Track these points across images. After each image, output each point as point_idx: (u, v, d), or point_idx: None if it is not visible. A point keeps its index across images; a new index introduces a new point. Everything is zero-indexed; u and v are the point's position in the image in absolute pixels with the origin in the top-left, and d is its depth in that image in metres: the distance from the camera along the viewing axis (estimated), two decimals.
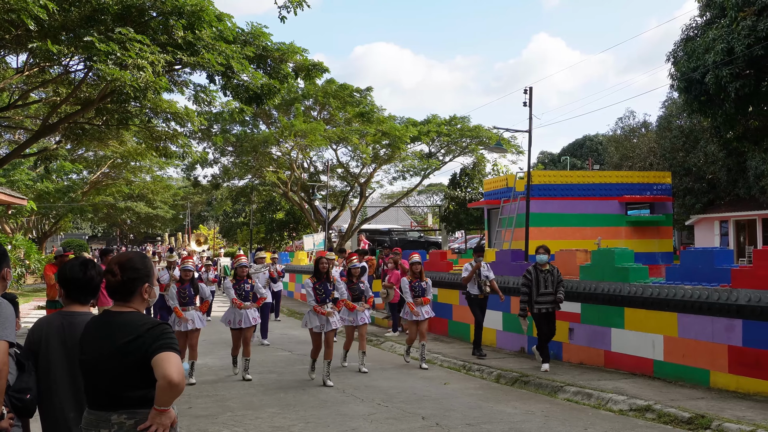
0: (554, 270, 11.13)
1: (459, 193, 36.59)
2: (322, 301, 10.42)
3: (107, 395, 3.38)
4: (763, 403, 8.15)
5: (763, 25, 16.98)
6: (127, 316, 3.46)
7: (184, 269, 10.95)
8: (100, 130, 20.81)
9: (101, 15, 13.79)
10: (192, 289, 10.80)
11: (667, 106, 36.72)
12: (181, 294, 10.68)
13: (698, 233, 33.32)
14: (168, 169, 46.17)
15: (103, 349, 3.39)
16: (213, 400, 9.34)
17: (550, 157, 62.79)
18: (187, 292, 10.75)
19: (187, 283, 10.85)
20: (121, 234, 79.68)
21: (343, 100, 33.53)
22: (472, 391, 9.78)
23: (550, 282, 10.97)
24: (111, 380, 3.36)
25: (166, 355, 3.26)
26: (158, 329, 3.38)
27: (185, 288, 10.77)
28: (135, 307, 3.52)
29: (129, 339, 3.34)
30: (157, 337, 3.33)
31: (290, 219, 48.96)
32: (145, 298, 3.56)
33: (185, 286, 10.78)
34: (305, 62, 16.83)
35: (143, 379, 3.34)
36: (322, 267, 10.62)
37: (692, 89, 19.38)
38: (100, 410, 3.40)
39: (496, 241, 22.18)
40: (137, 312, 3.52)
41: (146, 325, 3.40)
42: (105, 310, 3.57)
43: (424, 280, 12.10)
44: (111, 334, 3.40)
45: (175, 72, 16.59)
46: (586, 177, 22.49)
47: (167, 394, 3.24)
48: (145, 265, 3.58)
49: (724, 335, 9.00)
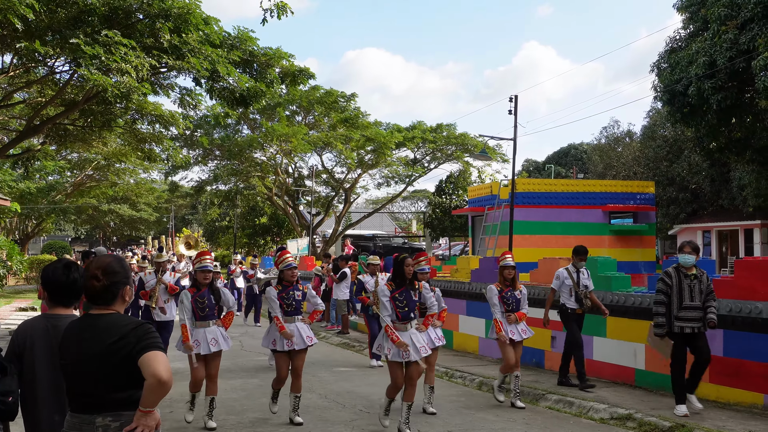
0: (703, 276, 8.42)
1: (444, 200, 36.67)
2: (405, 318, 7.69)
3: (91, 398, 3.38)
4: (743, 413, 8.22)
5: (745, 38, 17.17)
6: (109, 318, 3.47)
7: (201, 269, 8.25)
8: (84, 132, 20.68)
9: (88, 16, 13.72)
10: (212, 297, 8.25)
11: (652, 116, 37.07)
12: (198, 303, 8.13)
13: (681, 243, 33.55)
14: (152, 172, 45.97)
15: (86, 351, 3.39)
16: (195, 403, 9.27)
17: (534, 165, 63.10)
18: (205, 300, 8.17)
19: (205, 288, 8.24)
20: (104, 236, 79.14)
21: (328, 106, 33.55)
22: (454, 398, 9.79)
23: (697, 292, 8.27)
24: (95, 383, 3.36)
25: (153, 354, 3.27)
26: (142, 329, 3.39)
27: (203, 295, 8.18)
28: (116, 309, 3.53)
29: (113, 340, 3.35)
30: (141, 337, 3.35)
31: (274, 223, 48.85)
32: (126, 300, 3.58)
33: (202, 292, 8.19)
34: (291, 68, 16.83)
35: (128, 381, 3.35)
36: (407, 271, 7.80)
37: (675, 101, 19.56)
38: (83, 413, 3.39)
39: (480, 249, 22.24)
40: (118, 313, 3.53)
41: (130, 325, 3.41)
42: (86, 313, 3.56)
43: (518, 289, 9.45)
44: (94, 337, 3.40)
45: (160, 75, 16.53)
46: (570, 185, 22.60)
47: (156, 392, 3.24)
48: (123, 268, 3.60)
49: None
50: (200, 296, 8.16)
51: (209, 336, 8.04)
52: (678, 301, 8.22)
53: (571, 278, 10.14)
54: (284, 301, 8.26)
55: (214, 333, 8.09)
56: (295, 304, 8.31)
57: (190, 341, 7.92)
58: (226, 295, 8.39)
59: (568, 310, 10.10)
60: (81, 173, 41.90)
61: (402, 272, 7.75)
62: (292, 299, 8.30)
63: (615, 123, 45.73)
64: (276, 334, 8.19)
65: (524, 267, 15.05)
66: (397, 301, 7.66)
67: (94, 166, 39.77)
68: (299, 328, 8.26)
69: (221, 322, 8.26)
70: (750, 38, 17.04)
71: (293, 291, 8.37)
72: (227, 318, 8.37)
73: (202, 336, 8.05)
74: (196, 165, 36.28)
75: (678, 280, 8.27)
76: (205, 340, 8.02)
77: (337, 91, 33.66)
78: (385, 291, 7.75)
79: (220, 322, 8.23)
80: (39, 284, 13.05)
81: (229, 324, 8.42)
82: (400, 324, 7.63)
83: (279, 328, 8.12)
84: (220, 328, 8.22)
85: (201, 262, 8.34)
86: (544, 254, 17.20)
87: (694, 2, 20.69)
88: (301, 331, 8.25)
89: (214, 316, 8.21)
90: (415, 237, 50.38)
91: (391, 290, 7.72)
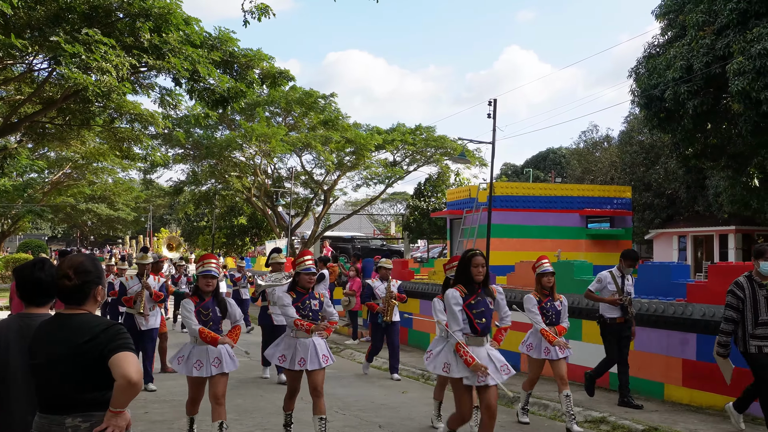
0: None
1: (422, 203, 36.78)
2: (484, 331, 6.24)
3: (61, 398, 3.37)
4: (715, 416, 8.33)
5: (721, 44, 17.42)
6: (81, 317, 3.46)
7: (204, 275, 6.98)
8: (62, 130, 20.54)
9: (68, 14, 13.65)
10: (217, 309, 7.07)
11: (629, 121, 37.41)
12: (201, 316, 6.93)
13: (657, 247, 33.94)
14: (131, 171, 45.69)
15: (57, 351, 3.37)
16: (170, 405, 9.26)
17: (513, 168, 63.42)
18: (210, 313, 6.99)
19: (209, 298, 7.05)
20: (82, 235, 78.47)
21: (308, 107, 33.55)
22: (431, 401, 9.80)
23: None
24: (65, 383, 3.35)
25: (124, 355, 3.27)
26: (113, 329, 3.39)
27: (207, 306, 6.99)
28: (88, 309, 3.53)
29: (84, 340, 3.34)
30: (112, 337, 3.34)
31: (252, 224, 48.71)
32: (98, 300, 3.57)
33: (206, 303, 6.99)
34: (272, 69, 16.84)
35: (98, 381, 3.35)
36: (477, 272, 6.21)
37: (652, 105, 19.77)
38: (53, 414, 3.38)
39: (458, 251, 22.34)
40: (90, 313, 3.52)
41: (101, 326, 3.40)
42: (57, 312, 3.56)
43: (558, 299, 8.29)
44: (65, 337, 3.39)
45: (140, 74, 16.46)
46: (548, 189, 22.76)
47: (126, 393, 3.24)
48: (96, 268, 3.58)
49: (679, 349, 9.19)
50: (204, 307, 6.93)
51: (212, 355, 6.93)
52: (753, 317, 7.13)
53: (615, 283, 9.09)
54: (299, 312, 7.10)
55: (217, 352, 6.96)
56: (312, 315, 7.17)
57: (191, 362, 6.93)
58: (233, 307, 7.25)
59: (607, 320, 9.00)
60: (58, 172, 41.52)
61: (470, 273, 6.20)
62: (308, 309, 7.16)
63: (594, 128, 46.12)
64: (288, 350, 7.14)
65: (501, 270, 15.17)
66: (473, 310, 6.16)
67: (71, 164, 39.44)
68: (316, 344, 7.13)
69: (227, 338, 7.02)
70: (726, 44, 17.30)
71: (309, 300, 7.22)
72: (234, 333, 7.12)
73: (205, 355, 6.93)
74: (175, 164, 36.12)
75: (752, 292, 7.17)
76: (207, 360, 6.92)
77: (317, 92, 33.70)
78: (457, 298, 6.17)
79: (226, 338, 6.98)
80: None
81: (237, 338, 7.15)
82: (473, 339, 6.21)
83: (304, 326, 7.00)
84: (226, 346, 7.03)
85: (204, 266, 7.05)
86: (521, 257, 17.31)
87: (673, 9, 20.95)
88: (317, 348, 7.12)
89: (219, 331, 7.03)
90: (394, 239, 50.44)
91: (464, 297, 6.18)
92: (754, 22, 16.86)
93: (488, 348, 6.32)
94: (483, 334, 6.26)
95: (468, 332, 6.19)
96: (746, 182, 22.34)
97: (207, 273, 6.97)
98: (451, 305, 6.18)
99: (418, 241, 43.86)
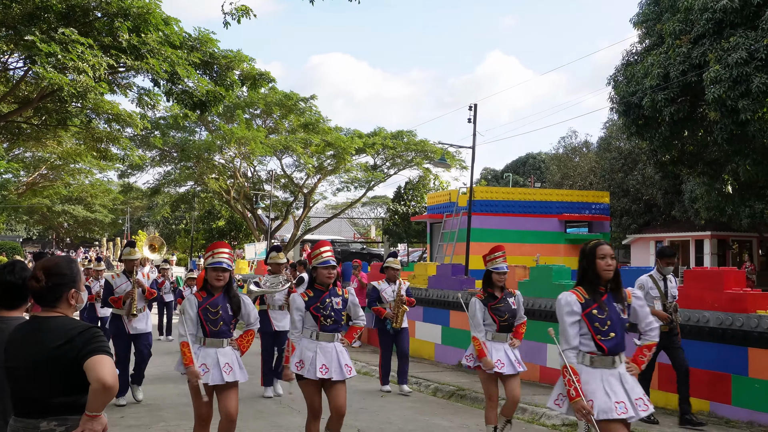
0: None
1: (402, 207, 36.83)
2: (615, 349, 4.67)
3: (36, 402, 3.32)
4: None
5: (697, 52, 17.63)
6: (56, 320, 3.40)
7: (214, 266, 5.94)
8: (38, 130, 20.33)
9: (44, 13, 13.51)
10: (228, 307, 5.96)
11: (608, 127, 37.69)
12: (209, 314, 5.86)
13: (634, 252, 34.22)
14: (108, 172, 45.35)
15: (31, 354, 3.32)
16: (146, 409, 9.17)
17: (493, 173, 63.65)
18: (219, 311, 5.89)
19: (219, 294, 5.98)
20: (57, 237, 77.68)
21: (288, 109, 33.48)
22: (409, 404, 9.82)
23: None
24: (40, 386, 3.30)
25: (99, 358, 3.23)
26: (89, 333, 3.33)
27: (216, 303, 5.90)
28: (63, 312, 3.47)
29: (59, 343, 3.29)
30: (88, 340, 3.29)
31: (231, 227, 48.53)
32: (72, 303, 3.50)
33: (215, 299, 5.91)
34: (252, 71, 16.79)
35: (74, 385, 3.30)
36: (604, 266, 4.72)
37: (630, 112, 19.95)
38: (28, 417, 3.33)
39: (438, 255, 22.37)
40: (66, 316, 3.46)
41: (77, 329, 3.35)
42: (33, 315, 3.50)
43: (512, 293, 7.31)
44: (40, 340, 3.34)
45: (119, 74, 16.34)
46: (527, 194, 22.87)
47: (101, 397, 3.20)
48: (71, 270, 3.52)
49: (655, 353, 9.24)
50: (212, 304, 5.87)
51: (222, 360, 5.81)
52: None
53: (657, 287, 8.44)
54: (320, 313, 6.06)
55: (228, 356, 5.88)
56: (335, 315, 6.12)
57: (195, 365, 5.73)
58: (247, 306, 6.07)
59: None
60: (34, 172, 41.10)
61: (595, 269, 4.75)
62: (330, 308, 6.10)
63: (573, 133, 46.44)
64: (307, 353, 6.03)
65: (481, 275, 15.18)
66: (595, 320, 4.67)
67: (48, 165, 39.07)
68: (338, 351, 6.13)
69: (236, 344, 6.04)
70: (702, 53, 17.51)
71: (330, 297, 6.14)
72: (245, 339, 6.09)
73: (213, 359, 5.81)
74: (152, 167, 35.88)
75: None
76: (216, 364, 5.79)
77: (297, 94, 33.64)
78: (573, 304, 4.73)
79: (235, 343, 6.02)
80: None
81: (248, 347, 6.15)
82: (600, 360, 4.69)
83: None
84: (236, 351, 6.00)
85: (214, 256, 5.98)
86: None
87: (650, 17, 21.17)
88: (340, 356, 6.11)
89: (230, 333, 5.97)
90: (374, 243, 50.43)
91: (584, 303, 4.72)
92: (730, 32, 17.08)
93: (623, 371, 4.72)
94: (613, 353, 4.69)
95: (592, 350, 4.69)
96: (721, 189, 22.61)
97: (218, 265, 5.93)
98: (563, 315, 4.73)
99: (398, 245, 43.91)
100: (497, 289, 7.10)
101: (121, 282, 9.56)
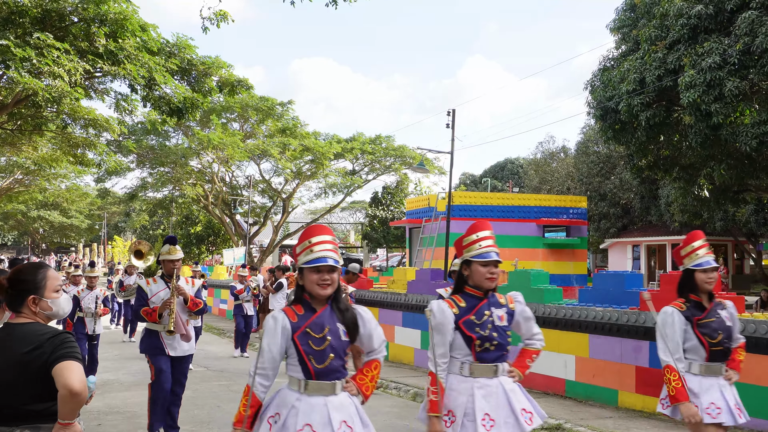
0: None
1: (380, 212, 36.85)
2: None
3: (8, 409, 3.28)
4: (667, 422, 8.46)
5: (673, 57, 17.85)
6: (27, 326, 3.37)
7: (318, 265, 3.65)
8: (13, 135, 20.10)
9: (19, 18, 13.36)
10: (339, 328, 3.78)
11: (586, 132, 37.99)
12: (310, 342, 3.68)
13: (612, 256, 34.52)
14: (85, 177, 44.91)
15: (1, 361, 3.28)
16: (123, 416, 9.09)
17: (471, 178, 63.89)
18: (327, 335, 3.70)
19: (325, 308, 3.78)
20: (33, 243, 76.81)
21: (265, 113, 33.37)
22: (388, 409, 9.82)
23: None
24: (12, 393, 3.26)
25: (68, 364, 3.19)
26: (59, 338, 3.30)
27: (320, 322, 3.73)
28: (31, 318, 3.42)
29: (28, 349, 3.25)
30: (57, 346, 3.26)
31: (209, 232, 48.26)
32: (33, 310, 3.43)
33: (319, 315, 3.75)
34: (230, 77, 16.70)
35: (46, 392, 3.26)
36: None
37: (607, 117, 20.14)
38: (1, 425, 3.29)
39: (417, 260, 22.42)
40: (38, 323, 3.42)
41: (47, 334, 3.31)
42: (6, 322, 3.47)
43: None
44: (9, 346, 3.30)
45: (95, 79, 16.20)
46: (505, 199, 23.02)
47: (69, 404, 3.16)
48: (35, 277, 3.47)
49: (632, 356, 9.32)
50: (314, 324, 3.70)
51: (336, 417, 3.68)
52: None
53: None
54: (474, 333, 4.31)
55: (345, 410, 3.77)
56: (498, 337, 4.51)
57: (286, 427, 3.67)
58: (367, 324, 3.91)
59: None
60: (9, 177, 40.59)
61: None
62: (491, 326, 4.44)
63: (551, 138, 46.82)
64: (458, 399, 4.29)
65: None
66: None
67: (23, 170, 38.60)
68: (507, 391, 4.60)
69: (355, 385, 3.90)
70: (677, 58, 17.74)
71: (491, 309, 4.49)
72: (368, 375, 3.98)
73: (321, 417, 3.65)
74: (129, 172, 35.60)
75: None
76: (327, 424, 3.65)
77: (274, 99, 33.55)
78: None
79: (354, 385, 3.89)
80: None
81: (373, 388, 4.02)
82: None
83: None
84: (354, 399, 3.87)
85: (313, 250, 3.71)
86: None
87: (626, 23, 21.42)
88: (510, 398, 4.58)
89: (344, 370, 3.81)
90: (353, 248, 50.39)
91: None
92: (704, 37, 17.33)
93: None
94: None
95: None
96: (696, 193, 22.89)
97: (322, 262, 3.68)
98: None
99: (377, 250, 43.93)
100: (704, 296, 4.81)
101: (158, 289, 7.48)
